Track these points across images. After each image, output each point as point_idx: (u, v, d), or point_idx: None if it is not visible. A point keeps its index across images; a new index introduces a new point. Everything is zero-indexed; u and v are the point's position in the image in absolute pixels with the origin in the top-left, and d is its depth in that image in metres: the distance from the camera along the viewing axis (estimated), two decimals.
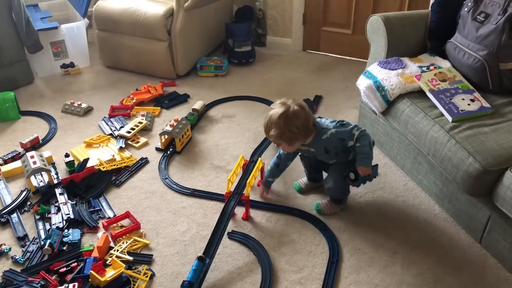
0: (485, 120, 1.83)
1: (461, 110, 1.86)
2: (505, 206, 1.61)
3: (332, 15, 3.45)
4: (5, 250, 1.82)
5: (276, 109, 1.77)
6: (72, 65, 3.32)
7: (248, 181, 1.96)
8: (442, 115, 1.88)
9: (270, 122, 1.78)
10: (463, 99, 1.92)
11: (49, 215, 1.99)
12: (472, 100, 1.91)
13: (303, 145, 1.89)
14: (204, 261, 1.66)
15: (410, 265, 1.76)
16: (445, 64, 2.13)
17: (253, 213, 2.02)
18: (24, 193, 2.11)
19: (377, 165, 1.90)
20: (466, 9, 2.07)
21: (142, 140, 2.53)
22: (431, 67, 2.11)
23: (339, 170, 1.92)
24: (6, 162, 2.34)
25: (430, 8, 2.30)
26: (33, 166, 2.11)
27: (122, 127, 2.62)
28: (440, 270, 1.73)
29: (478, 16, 1.99)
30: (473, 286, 1.68)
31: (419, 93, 2.02)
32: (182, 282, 1.60)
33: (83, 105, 2.83)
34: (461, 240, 1.87)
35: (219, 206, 2.02)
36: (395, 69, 2.13)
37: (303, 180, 2.17)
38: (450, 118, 1.84)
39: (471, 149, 1.69)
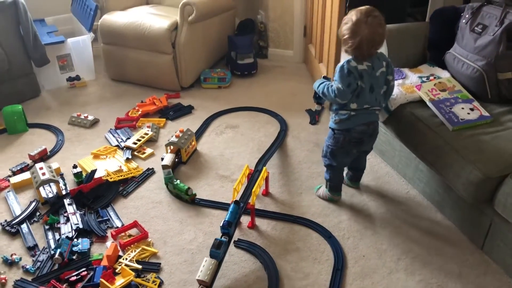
0: (484, 128, 1.87)
1: (461, 119, 1.90)
2: (506, 213, 1.64)
3: None
4: (16, 260, 1.86)
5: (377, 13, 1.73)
6: (78, 78, 3.37)
7: (253, 190, 1.99)
8: (443, 124, 1.92)
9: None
10: (462, 108, 1.96)
11: (58, 225, 2.03)
12: (472, 109, 1.95)
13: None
14: (239, 204, 1.89)
15: (414, 272, 1.79)
16: (444, 74, 2.18)
17: (259, 221, 2.05)
18: (33, 204, 2.15)
19: (320, 103, 2.20)
20: (464, 20, 2.12)
21: (148, 151, 2.57)
22: (431, 77, 2.16)
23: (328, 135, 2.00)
24: (15, 173, 2.38)
25: (429, 20, 2.36)
26: (42, 177, 2.15)
27: (128, 138, 2.66)
28: (443, 276, 1.76)
29: (475, 28, 2.04)
30: None
31: (419, 103, 2.06)
32: (222, 221, 1.80)
33: (90, 117, 2.87)
34: (463, 247, 1.89)
35: (225, 215, 2.04)
36: (396, 79, 2.17)
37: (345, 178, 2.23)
38: (450, 127, 1.88)
39: (471, 157, 1.73)
